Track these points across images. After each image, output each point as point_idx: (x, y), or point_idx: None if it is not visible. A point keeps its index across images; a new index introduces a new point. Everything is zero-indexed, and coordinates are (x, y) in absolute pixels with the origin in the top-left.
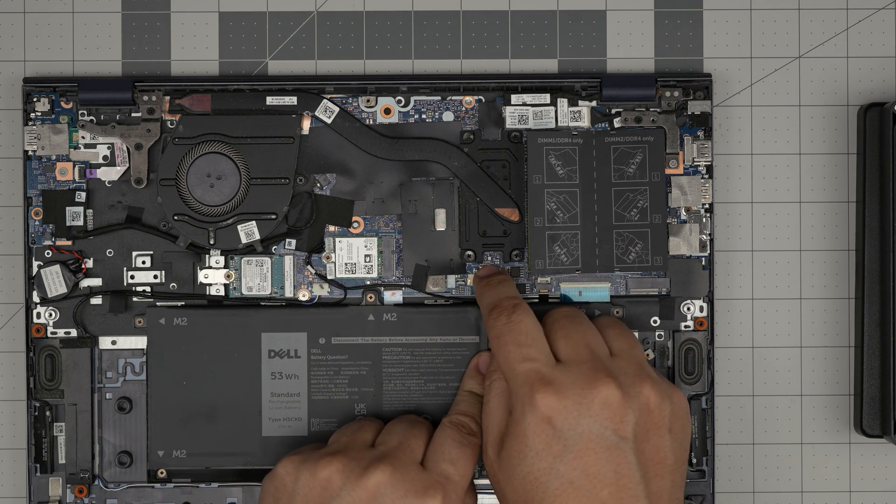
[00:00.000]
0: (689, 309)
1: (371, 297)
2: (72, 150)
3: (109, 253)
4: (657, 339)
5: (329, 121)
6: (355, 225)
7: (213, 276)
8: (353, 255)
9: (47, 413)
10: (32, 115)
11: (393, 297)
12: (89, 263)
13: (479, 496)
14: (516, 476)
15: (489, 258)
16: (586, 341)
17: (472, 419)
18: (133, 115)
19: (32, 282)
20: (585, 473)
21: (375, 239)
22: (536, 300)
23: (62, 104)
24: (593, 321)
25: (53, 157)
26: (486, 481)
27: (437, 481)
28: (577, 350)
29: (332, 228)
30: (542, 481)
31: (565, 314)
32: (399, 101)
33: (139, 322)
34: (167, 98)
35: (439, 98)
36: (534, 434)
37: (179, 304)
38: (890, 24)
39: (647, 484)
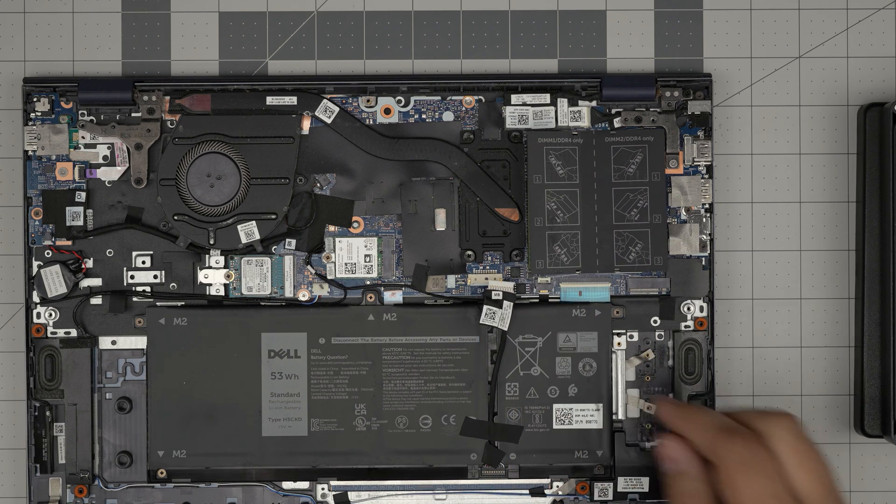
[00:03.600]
0: (689, 309)
1: (371, 297)
2: (72, 150)
3: (109, 253)
4: (657, 339)
5: (329, 121)
6: (355, 225)
7: (213, 276)
8: (353, 255)
9: (47, 413)
10: (32, 115)
11: (393, 297)
12: (89, 263)
13: (481, 496)
14: None
15: (489, 258)
16: (821, 475)
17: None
18: (133, 115)
19: (32, 282)
20: None
21: (375, 239)
22: (537, 300)
23: (62, 104)
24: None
25: (53, 157)
26: (487, 481)
27: None
28: (816, 489)
29: (332, 228)
30: None
31: (798, 435)
32: (399, 101)
33: (139, 322)
34: (167, 98)
35: (439, 98)
36: None
37: (179, 304)
38: (890, 24)
39: None
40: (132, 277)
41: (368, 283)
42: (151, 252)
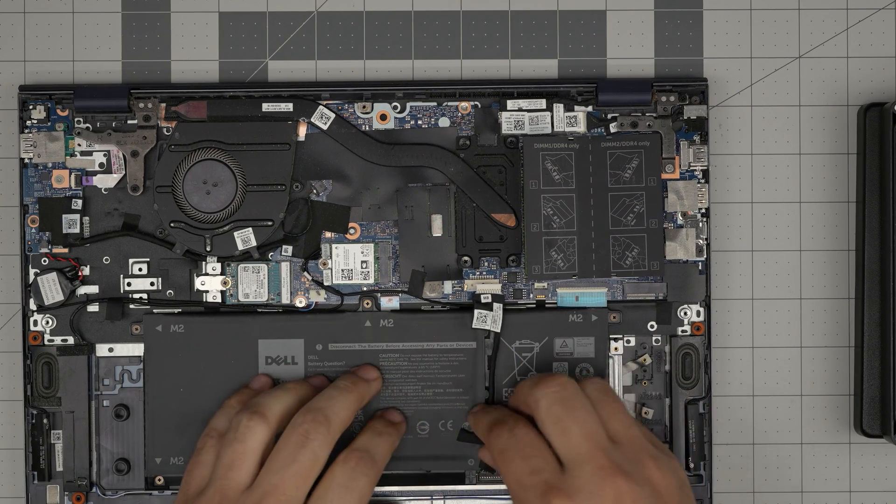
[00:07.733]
0: (685, 314)
1: (368, 304)
2: (68, 157)
3: (106, 260)
4: (654, 344)
5: (325, 127)
6: (352, 231)
7: (210, 283)
8: (350, 261)
9: (45, 420)
10: (28, 122)
11: (390, 302)
12: (86, 271)
13: (479, 501)
14: None
15: (486, 264)
16: (584, 433)
17: (367, 453)
18: (129, 122)
19: (29, 290)
20: None
21: (372, 245)
22: (533, 305)
23: (58, 112)
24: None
25: (50, 165)
26: (485, 486)
27: None
28: (577, 448)
29: (328, 235)
30: None
31: (557, 398)
32: (395, 107)
33: (136, 329)
34: (163, 105)
35: (435, 104)
36: None
37: (176, 310)
38: (890, 24)
39: None
40: (129, 285)
41: (365, 289)
42: (148, 259)
